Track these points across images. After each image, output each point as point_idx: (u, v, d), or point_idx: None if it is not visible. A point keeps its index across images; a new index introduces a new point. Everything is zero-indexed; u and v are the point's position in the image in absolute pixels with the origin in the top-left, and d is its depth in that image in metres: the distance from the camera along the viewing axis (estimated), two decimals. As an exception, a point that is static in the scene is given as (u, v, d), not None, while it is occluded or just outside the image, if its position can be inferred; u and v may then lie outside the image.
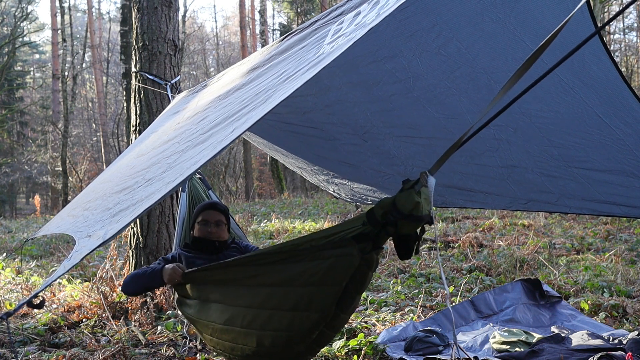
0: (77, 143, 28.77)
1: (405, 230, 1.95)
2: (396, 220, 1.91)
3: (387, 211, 1.93)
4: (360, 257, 2.01)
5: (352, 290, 2.12)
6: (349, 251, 2.01)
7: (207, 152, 1.97)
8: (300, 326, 2.19)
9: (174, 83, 4.91)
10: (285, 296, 2.19)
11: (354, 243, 2.01)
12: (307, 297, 2.13)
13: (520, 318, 4.16)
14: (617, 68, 2.43)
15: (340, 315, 2.22)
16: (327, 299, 2.10)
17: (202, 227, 3.16)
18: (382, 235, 1.99)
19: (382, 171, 3.95)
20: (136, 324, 4.29)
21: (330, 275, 2.06)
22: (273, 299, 2.24)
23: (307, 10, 23.25)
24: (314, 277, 2.09)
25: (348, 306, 2.20)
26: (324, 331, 2.26)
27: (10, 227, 12.84)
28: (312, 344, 2.31)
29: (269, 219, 11.01)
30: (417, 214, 1.87)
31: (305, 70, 2.00)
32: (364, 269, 2.06)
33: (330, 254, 2.06)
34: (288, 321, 2.21)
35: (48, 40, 29.92)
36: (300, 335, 2.22)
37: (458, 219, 9.64)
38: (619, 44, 26.45)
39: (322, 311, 2.13)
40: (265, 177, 26.51)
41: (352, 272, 2.04)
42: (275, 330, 2.25)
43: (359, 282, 2.10)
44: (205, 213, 3.20)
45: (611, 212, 3.20)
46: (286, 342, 2.26)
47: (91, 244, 1.89)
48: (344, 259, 2.03)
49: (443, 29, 2.59)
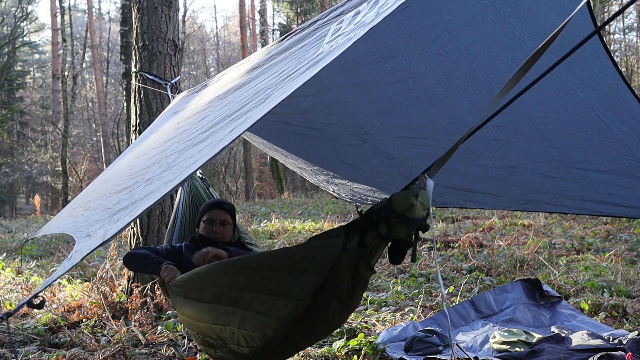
0: (77, 143, 28.76)
1: (398, 233, 1.92)
2: (388, 218, 1.89)
3: (381, 208, 1.92)
4: (342, 249, 1.98)
5: (338, 283, 2.07)
6: (334, 242, 2.00)
7: (207, 151, 1.97)
8: (277, 312, 2.16)
9: (174, 83, 4.91)
10: (269, 280, 2.16)
11: (342, 234, 1.99)
12: (290, 283, 2.10)
13: (520, 318, 4.16)
14: (617, 68, 2.43)
15: (338, 308, 2.17)
16: (306, 286, 2.07)
17: (207, 226, 3.14)
18: (371, 231, 1.96)
19: (382, 172, 3.95)
20: (136, 324, 4.29)
21: (313, 264, 2.04)
22: (257, 280, 2.21)
23: (307, 10, 23.25)
24: (298, 264, 2.07)
25: (348, 299, 2.13)
26: (319, 326, 2.24)
27: (10, 227, 12.84)
28: (299, 336, 2.27)
29: (269, 219, 11.01)
30: (409, 215, 1.85)
31: (304, 69, 2.00)
32: (345, 261, 2.01)
33: (317, 244, 2.05)
34: (268, 306, 2.18)
35: (48, 40, 29.92)
36: (279, 321, 2.18)
37: (458, 219, 9.63)
38: (619, 44, 26.46)
39: (299, 299, 2.09)
40: (265, 177, 26.50)
41: (333, 263, 2.01)
42: (257, 313, 2.22)
43: (342, 275, 2.04)
44: (211, 212, 3.18)
45: (611, 213, 3.20)
46: (265, 326, 2.22)
47: (91, 244, 1.89)
48: (327, 249, 2.01)
49: (443, 29, 2.59)
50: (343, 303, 2.12)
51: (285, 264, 2.11)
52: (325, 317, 2.18)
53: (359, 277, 2.06)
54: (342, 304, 2.13)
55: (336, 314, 2.19)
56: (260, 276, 2.20)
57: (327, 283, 2.05)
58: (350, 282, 2.06)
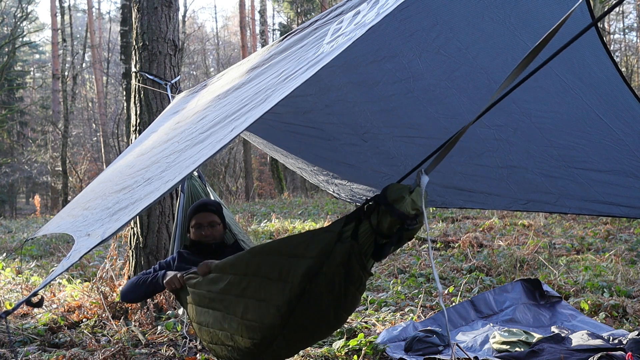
0: (77, 143, 28.78)
1: (383, 224, 1.91)
2: (379, 205, 1.89)
3: (377, 195, 1.93)
4: (338, 236, 1.99)
5: (338, 277, 2.06)
6: (332, 228, 2.02)
7: (206, 151, 1.97)
8: (275, 297, 2.16)
9: (174, 83, 4.91)
10: (272, 265, 2.18)
11: (342, 222, 2.00)
12: (287, 267, 2.12)
13: (520, 318, 4.16)
14: (617, 68, 2.43)
15: (336, 309, 2.17)
16: (298, 269, 2.08)
17: (196, 231, 3.16)
18: (365, 222, 1.96)
19: (382, 171, 3.94)
20: (136, 324, 4.29)
21: (309, 248, 2.05)
22: (262, 266, 2.23)
23: (307, 10, 23.26)
24: (297, 248, 2.09)
25: (342, 296, 2.13)
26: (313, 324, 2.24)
27: (10, 227, 12.84)
28: (294, 328, 2.26)
29: (269, 219, 11.01)
30: (396, 206, 1.84)
31: (305, 70, 2.00)
32: (340, 250, 2.01)
33: (317, 231, 2.08)
34: (267, 291, 2.19)
35: (48, 40, 29.95)
36: (275, 307, 2.18)
37: (458, 219, 9.64)
38: (619, 44, 26.46)
39: (292, 283, 2.10)
40: (265, 177, 26.51)
41: (329, 250, 2.01)
42: (257, 300, 2.24)
43: (339, 266, 2.04)
44: (197, 216, 3.18)
45: (611, 213, 3.20)
46: (264, 313, 2.23)
47: (90, 243, 1.89)
48: (323, 234, 2.03)
49: (443, 28, 2.59)
50: (335, 299, 2.11)
51: (288, 249, 2.14)
52: (318, 311, 2.17)
53: (352, 273, 2.04)
54: (335, 299, 2.11)
55: (330, 311, 2.18)
56: (265, 262, 2.22)
57: (320, 274, 2.06)
58: (342, 277, 2.05)
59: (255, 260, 2.27)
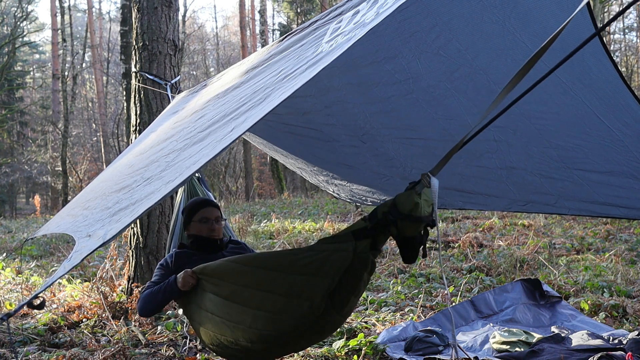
0: (77, 143, 28.76)
1: (407, 232, 1.97)
2: (396, 220, 1.95)
3: (387, 211, 1.97)
4: (354, 254, 2.06)
5: (346, 290, 2.18)
6: (345, 247, 2.08)
7: (207, 151, 1.97)
8: (290, 313, 2.25)
9: (174, 83, 4.92)
10: (281, 281, 2.24)
11: (352, 239, 2.07)
12: (300, 285, 2.19)
13: (520, 318, 4.16)
14: (617, 69, 2.43)
15: (334, 315, 2.27)
16: (317, 289, 2.16)
17: (203, 226, 3.01)
18: (382, 234, 2.03)
19: (381, 173, 3.94)
20: (136, 324, 4.29)
21: (324, 267, 2.12)
22: (269, 281, 2.28)
23: (307, 10, 23.25)
24: (309, 267, 2.15)
25: (343, 306, 2.25)
26: (314, 330, 2.35)
27: (10, 227, 12.84)
28: (299, 338, 2.41)
29: (269, 219, 11.01)
30: (416, 214, 1.91)
31: (303, 69, 2.00)
32: (357, 267, 2.11)
33: (326, 247, 2.14)
34: (280, 306, 2.27)
35: (48, 40, 29.93)
36: (289, 322, 2.29)
37: (458, 219, 9.64)
38: (619, 44, 26.44)
39: (311, 300, 2.18)
40: (265, 177, 26.49)
41: (344, 268, 2.10)
42: (268, 312, 2.30)
43: (352, 281, 2.15)
44: (204, 210, 3.06)
45: (610, 214, 3.20)
46: (274, 325, 2.32)
47: (91, 244, 1.89)
48: (338, 254, 2.10)
49: (443, 29, 2.59)
50: (338, 308, 2.27)
51: (297, 266, 2.19)
52: (323, 324, 2.34)
53: (360, 282, 2.20)
54: (337, 309, 2.28)
55: (335, 321, 2.37)
56: (271, 277, 2.28)
57: (342, 284, 2.16)
58: (366, 280, 2.22)
59: (258, 273, 2.33)
